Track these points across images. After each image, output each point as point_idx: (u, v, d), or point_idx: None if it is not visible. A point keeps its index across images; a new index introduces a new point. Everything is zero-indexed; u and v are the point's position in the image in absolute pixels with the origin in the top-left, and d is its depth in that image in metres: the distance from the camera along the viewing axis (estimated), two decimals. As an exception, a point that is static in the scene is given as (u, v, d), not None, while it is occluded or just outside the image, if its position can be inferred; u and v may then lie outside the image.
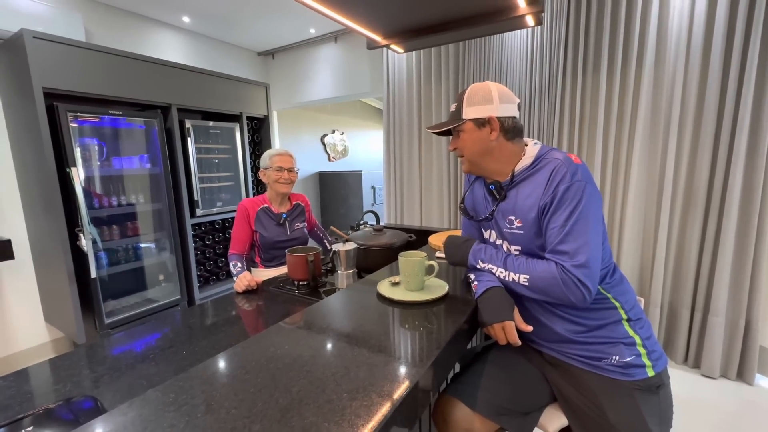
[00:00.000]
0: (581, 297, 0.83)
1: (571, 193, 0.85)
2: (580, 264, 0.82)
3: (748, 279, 1.95)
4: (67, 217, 2.12)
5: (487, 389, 0.93)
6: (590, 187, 0.87)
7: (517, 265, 0.91)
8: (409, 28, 1.50)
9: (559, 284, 0.83)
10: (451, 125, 0.99)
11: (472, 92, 0.97)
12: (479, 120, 0.96)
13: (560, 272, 0.84)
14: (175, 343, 0.99)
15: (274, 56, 4.04)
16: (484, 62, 2.67)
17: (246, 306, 1.29)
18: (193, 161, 2.76)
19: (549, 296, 0.87)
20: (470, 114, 0.96)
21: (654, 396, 0.88)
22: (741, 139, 1.88)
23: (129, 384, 0.80)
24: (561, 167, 0.88)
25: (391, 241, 1.54)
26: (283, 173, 1.70)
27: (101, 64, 2.24)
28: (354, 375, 0.60)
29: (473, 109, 0.96)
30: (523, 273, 0.89)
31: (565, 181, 0.86)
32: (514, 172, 0.96)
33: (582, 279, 0.82)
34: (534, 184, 0.92)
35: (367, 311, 0.92)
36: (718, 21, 1.88)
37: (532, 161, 0.95)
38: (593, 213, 0.86)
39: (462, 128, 0.98)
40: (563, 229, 0.85)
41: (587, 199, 0.85)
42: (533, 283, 0.87)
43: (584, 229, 0.84)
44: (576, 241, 0.84)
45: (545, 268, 0.86)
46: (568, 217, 0.85)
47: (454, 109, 1.00)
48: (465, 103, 0.97)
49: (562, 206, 0.86)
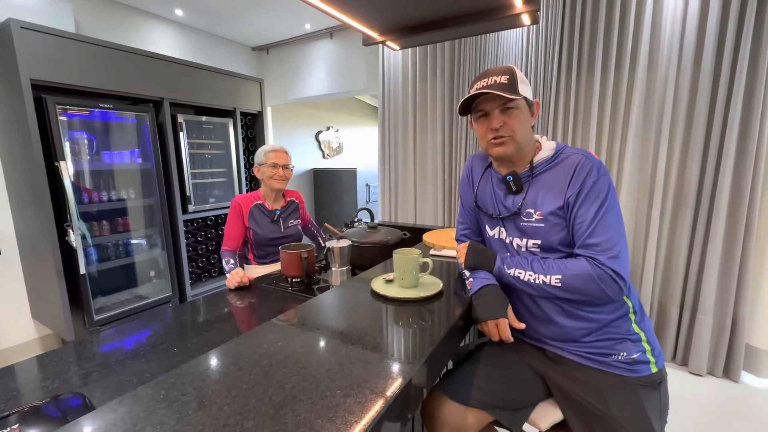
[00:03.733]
0: (617, 290, 0.83)
1: (599, 187, 0.85)
2: (614, 256, 0.82)
3: (735, 278, 1.98)
4: (56, 212, 2.09)
5: (479, 387, 0.93)
6: (611, 182, 0.89)
7: (546, 266, 0.87)
8: (405, 25, 1.49)
9: (595, 280, 0.82)
10: (514, 95, 0.87)
11: (519, 73, 0.90)
12: (529, 101, 0.92)
13: (594, 267, 0.82)
14: (166, 340, 0.98)
15: (268, 51, 4.01)
16: (479, 61, 2.67)
17: (238, 303, 1.28)
18: (185, 156, 2.72)
19: (584, 294, 0.84)
20: (525, 91, 0.89)
21: (655, 391, 0.89)
22: (730, 142, 1.91)
23: (119, 381, 0.79)
24: (586, 162, 0.88)
25: (385, 239, 1.53)
26: (278, 170, 1.69)
27: (91, 56, 2.19)
28: (348, 372, 0.60)
29: (526, 87, 0.90)
30: (555, 274, 0.86)
31: (592, 175, 0.86)
32: (533, 163, 0.94)
33: (617, 271, 0.82)
34: (556, 176, 0.91)
35: (360, 308, 0.92)
36: (710, 25, 1.91)
37: (552, 153, 0.93)
38: (617, 207, 0.87)
39: (517, 104, 0.90)
40: (593, 222, 0.84)
41: (612, 194, 0.87)
42: (567, 282, 0.84)
43: (613, 222, 0.85)
44: (606, 233, 0.83)
45: (577, 266, 0.84)
46: (597, 210, 0.85)
47: (506, 82, 0.87)
48: (519, 79, 0.88)
49: (590, 199, 0.85)
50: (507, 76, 0.88)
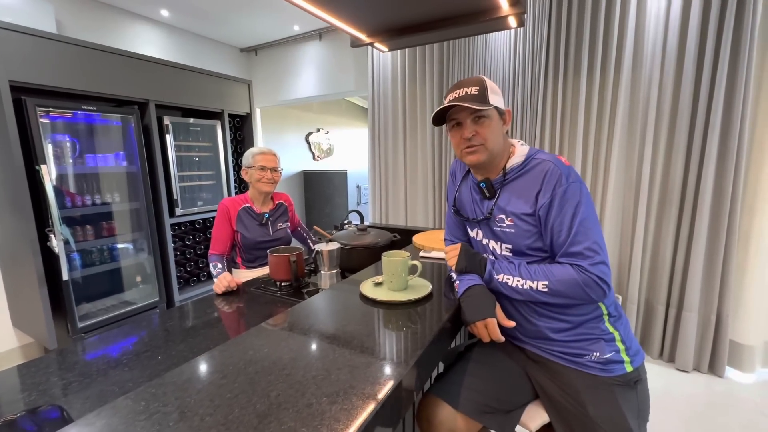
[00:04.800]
0: (602, 294, 0.86)
1: (570, 195, 0.87)
2: (597, 262, 0.85)
3: (719, 276, 2.02)
4: (37, 217, 2.03)
5: (471, 388, 0.94)
6: (584, 187, 0.90)
7: (533, 272, 0.90)
8: (393, 27, 1.49)
9: (580, 285, 0.85)
10: (482, 107, 0.90)
11: (490, 83, 0.93)
12: (500, 110, 0.95)
13: (579, 274, 0.85)
14: (150, 347, 0.95)
15: (257, 53, 3.97)
16: (467, 63, 2.69)
17: (226, 308, 1.26)
18: (172, 159, 2.68)
19: (570, 299, 0.87)
20: (495, 101, 0.92)
21: (632, 391, 0.90)
22: (712, 142, 1.95)
23: (100, 391, 0.77)
24: (554, 169, 0.89)
25: (375, 241, 1.53)
26: (266, 173, 1.67)
27: (74, 58, 2.14)
28: (335, 378, 0.59)
29: (496, 97, 0.93)
30: (541, 280, 0.88)
31: (561, 183, 0.87)
32: (506, 170, 0.96)
33: (601, 276, 0.84)
34: (526, 183, 0.93)
35: (349, 312, 0.91)
36: (691, 27, 1.95)
37: (523, 160, 0.95)
38: (592, 211, 0.89)
39: (488, 114, 0.93)
40: (570, 231, 0.86)
41: (585, 199, 0.88)
42: (553, 288, 0.87)
43: (590, 227, 0.87)
44: (587, 241, 0.86)
45: (564, 271, 0.87)
46: (572, 218, 0.86)
47: (476, 93, 0.91)
48: (489, 89, 0.92)
49: (563, 208, 0.87)
50: (478, 87, 0.91)
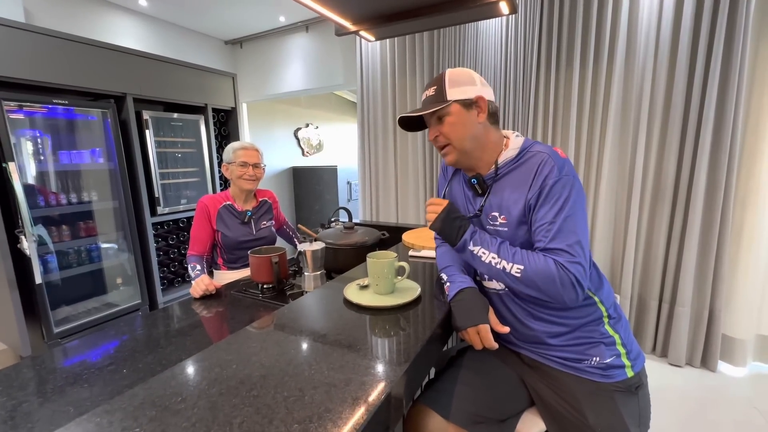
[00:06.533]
0: (574, 296, 0.79)
1: (559, 188, 0.80)
2: (576, 261, 0.78)
3: (712, 270, 2.01)
4: (6, 218, 1.92)
5: (463, 397, 0.88)
6: (577, 183, 0.83)
7: (511, 254, 0.82)
8: (379, 14, 1.41)
9: (555, 281, 0.78)
10: (435, 108, 0.86)
11: (452, 74, 0.88)
12: (466, 101, 0.87)
13: (558, 270, 0.78)
14: (115, 360, 0.88)
15: (242, 45, 3.85)
16: (458, 54, 2.62)
17: (204, 312, 1.18)
18: (152, 155, 2.56)
19: (540, 292, 0.80)
20: (455, 95, 0.86)
21: (633, 397, 0.86)
22: (705, 136, 1.92)
23: (52, 413, 0.69)
24: (548, 160, 0.82)
25: (362, 240, 1.46)
26: (248, 169, 1.59)
27: (44, 48, 2.02)
28: (309, 399, 0.52)
29: (457, 90, 0.87)
30: (518, 263, 0.81)
31: (553, 175, 0.81)
32: (498, 164, 0.89)
33: (578, 278, 0.78)
34: (519, 177, 0.86)
35: (330, 318, 0.84)
36: (685, 17, 1.91)
37: (516, 153, 0.88)
38: (581, 209, 0.82)
39: (447, 111, 0.87)
40: (553, 226, 0.80)
41: (576, 195, 0.81)
42: (527, 276, 0.80)
43: (575, 225, 0.80)
44: (569, 238, 0.79)
45: (543, 262, 0.79)
46: (557, 213, 0.80)
47: (433, 93, 0.88)
48: (447, 84, 0.87)
49: (550, 201, 0.80)
50: (435, 87, 0.89)
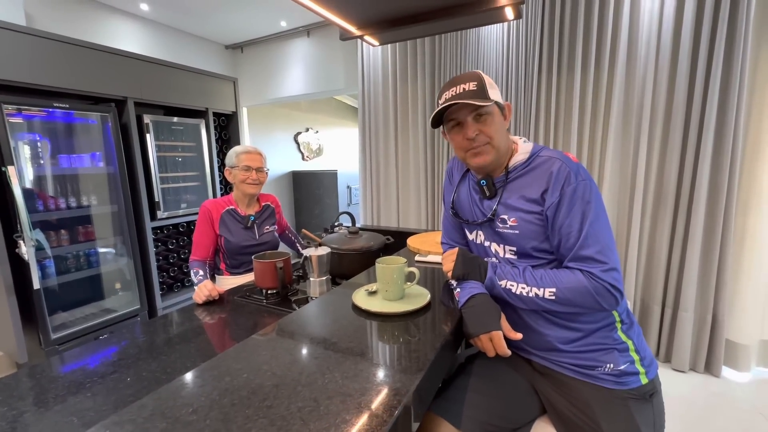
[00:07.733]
0: (614, 302, 0.79)
1: (579, 194, 0.80)
2: (609, 268, 0.78)
3: (715, 275, 2.00)
4: (5, 222, 1.90)
5: (474, 405, 0.86)
6: (594, 185, 0.83)
7: (539, 278, 0.83)
8: (384, 19, 1.42)
9: (591, 293, 0.78)
10: (486, 102, 0.83)
11: (487, 76, 0.87)
12: (500, 104, 0.88)
13: (590, 281, 0.78)
14: (118, 368, 0.86)
15: (243, 50, 3.85)
16: (460, 59, 2.63)
17: (207, 319, 1.16)
18: (153, 159, 2.55)
19: (579, 307, 0.81)
20: (495, 96, 0.85)
21: (648, 404, 0.85)
22: (707, 141, 1.92)
23: (54, 424, 0.67)
24: (563, 167, 0.82)
25: (367, 244, 1.45)
26: (251, 173, 1.57)
27: (44, 52, 2.01)
28: (324, 410, 0.51)
29: (494, 92, 0.86)
30: (548, 287, 0.81)
31: (570, 181, 0.80)
32: (509, 168, 0.90)
33: (613, 283, 0.78)
34: (530, 182, 0.86)
35: (341, 326, 0.83)
36: (686, 22, 1.92)
37: (527, 157, 0.88)
38: (602, 211, 0.82)
39: (489, 110, 0.86)
40: (581, 233, 0.79)
41: (595, 198, 0.81)
42: (561, 296, 0.80)
43: (601, 230, 0.80)
44: (598, 244, 0.79)
45: (572, 278, 0.79)
46: (582, 219, 0.79)
47: (475, 88, 0.83)
48: (487, 83, 0.85)
49: (573, 208, 0.80)
50: (475, 83, 0.84)
